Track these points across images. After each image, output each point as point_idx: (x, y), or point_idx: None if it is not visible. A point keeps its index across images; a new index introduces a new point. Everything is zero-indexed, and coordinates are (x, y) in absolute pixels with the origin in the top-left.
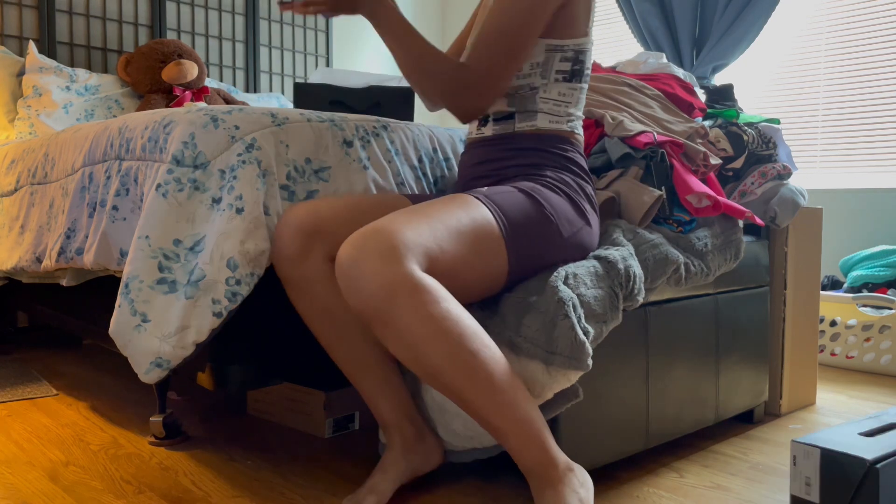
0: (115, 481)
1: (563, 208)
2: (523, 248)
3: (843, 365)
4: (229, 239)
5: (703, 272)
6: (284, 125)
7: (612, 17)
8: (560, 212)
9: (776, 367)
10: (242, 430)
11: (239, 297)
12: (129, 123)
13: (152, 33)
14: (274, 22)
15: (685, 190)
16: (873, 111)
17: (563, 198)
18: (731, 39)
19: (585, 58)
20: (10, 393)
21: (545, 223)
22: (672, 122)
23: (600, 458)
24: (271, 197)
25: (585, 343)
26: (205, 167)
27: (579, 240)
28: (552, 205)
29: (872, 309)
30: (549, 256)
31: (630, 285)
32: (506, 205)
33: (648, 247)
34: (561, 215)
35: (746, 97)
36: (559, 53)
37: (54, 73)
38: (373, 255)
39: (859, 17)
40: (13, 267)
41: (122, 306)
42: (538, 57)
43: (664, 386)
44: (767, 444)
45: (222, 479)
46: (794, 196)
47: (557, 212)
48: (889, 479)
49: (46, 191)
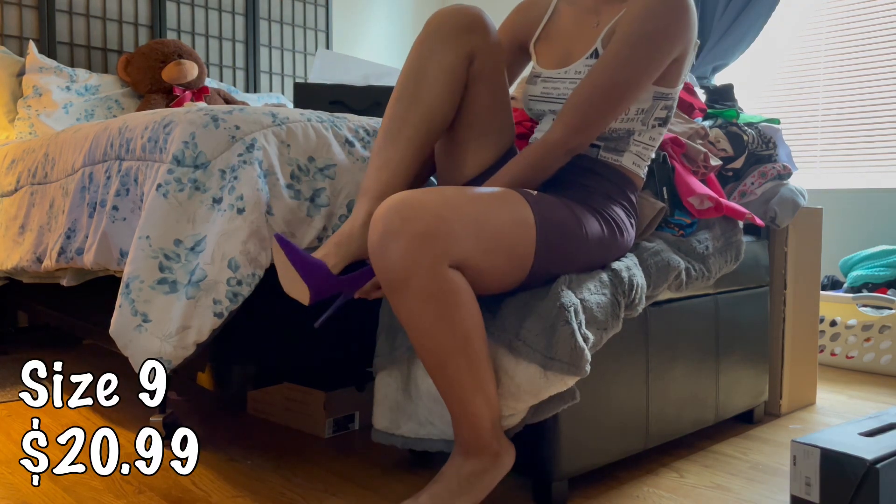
0: (115, 481)
1: (598, 235)
2: (549, 262)
3: (843, 365)
4: (230, 239)
5: (704, 276)
6: (285, 125)
7: None
8: (593, 237)
9: (776, 367)
10: (242, 430)
11: (240, 297)
12: (129, 123)
13: (152, 33)
14: (274, 22)
15: (687, 192)
16: (873, 111)
17: (602, 225)
18: (731, 39)
19: (674, 104)
20: (10, 393)
21: (577, 235)
22: (672, 122)
23: (600, 458)
24: (275, 197)
25: (584, 350)
26: (205, 167)
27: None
28: (589, 230)
29: (872, 309)
30: (574, 260)
31: (633, 295)
32: (547, 208)
33: (650, 255)
34: (593, 240)
35: (746, 97)
36: (663, 101)
37: (54, 73)
38: (411, 235)
39: (859, 17)
40: (14, 267)
41: (122, 306)
42: (645, 103)
43: (664, 386)
44: (767, 444)
45: (222, 479)
46: (794, 196)
47: (591, 237)
48: (889, 479)
49: (46, 191)
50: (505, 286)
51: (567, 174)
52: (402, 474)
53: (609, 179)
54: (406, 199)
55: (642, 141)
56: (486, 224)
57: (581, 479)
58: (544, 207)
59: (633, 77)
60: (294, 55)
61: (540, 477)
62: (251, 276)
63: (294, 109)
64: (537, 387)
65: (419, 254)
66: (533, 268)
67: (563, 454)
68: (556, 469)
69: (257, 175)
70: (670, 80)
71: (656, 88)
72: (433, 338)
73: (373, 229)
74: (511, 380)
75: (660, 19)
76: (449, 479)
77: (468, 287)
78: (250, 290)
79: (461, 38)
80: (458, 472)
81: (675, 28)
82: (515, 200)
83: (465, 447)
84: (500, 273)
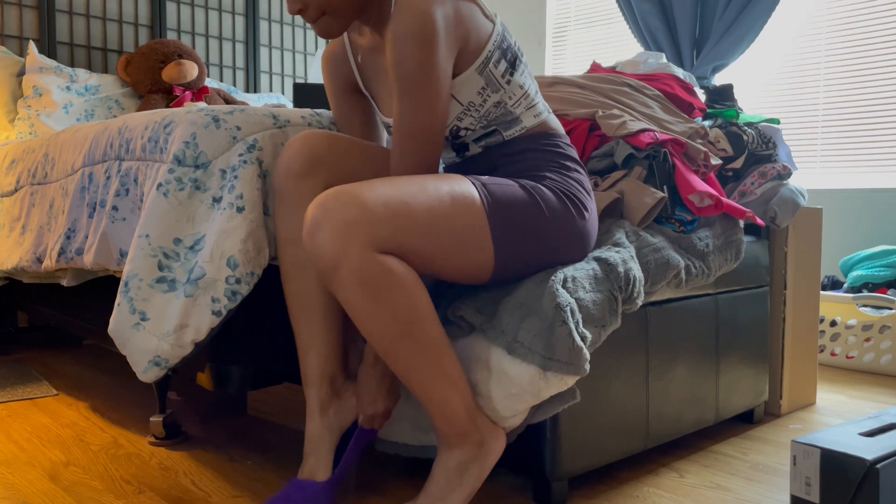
0: (115, 481)
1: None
2: (509, 231)
3: (843, 365)
4: (229, 237)
5: (704, 273)
6: (285, 127)
7: (613, 17)
8: (555, 209)
9: (776, 367)
10: (242, 430)
11: (239, 296)
12: (128, 124)
13: (152, 33)
14: (274, 22)
15: (687, 189)
16: (873, 111)
17: (562, 198)
18: (731, 39)
19: (507, 41)
20: (10, 393)
21: (536, 211)
22: (672, 122)
23: (600, 458)
24: (272, 198)
25: (583, 349)
26: (206, 167)
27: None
28: (547, 202)
29: (872, 309)
30: (543, 238)
31: (630, 288)
32: (494, 187)
33: (650, 250)
34: (556, 212)
35: (746, 97)
36: (485, 67)
37: (54, 73)
38: (336, 224)
39: (859, 17)
40: (14, 267)
41: (121, 305)
42: (471, 92)
43: (664, 386)
44: (767, 444)
45: (222, 479)
46: (794, 196)
47: (552, 208)
48: (889, 479)
49: (46, 191)
50: (475, 270)
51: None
52: (403, 474)
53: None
54: (333, 191)
55: (516, 96)
56: (417, 206)
57: (581, 479)
58: (490, 186)
59: (419, 119)
60: (294, 55)
61: (540, 477)
62: (250, 276)
63: (294, 110)
64: (537, 387)
65: (344, 241)
66: (496, 247)
67: (563, 454)
68: (556, 469)
69: (258, 175)
70: (469, 57)
71: (467, 76)
72: (373, 322)
73: (305, 223)
74: (511, 381)
75: (409, 62)
76: (438, 477)
77: (408, 271)
78: (249, 289)
79: (310, 190)
80: (444, 468)
81: (429, 61)
82: (453, 180)
83: (446, 439)
84: (453, 254)
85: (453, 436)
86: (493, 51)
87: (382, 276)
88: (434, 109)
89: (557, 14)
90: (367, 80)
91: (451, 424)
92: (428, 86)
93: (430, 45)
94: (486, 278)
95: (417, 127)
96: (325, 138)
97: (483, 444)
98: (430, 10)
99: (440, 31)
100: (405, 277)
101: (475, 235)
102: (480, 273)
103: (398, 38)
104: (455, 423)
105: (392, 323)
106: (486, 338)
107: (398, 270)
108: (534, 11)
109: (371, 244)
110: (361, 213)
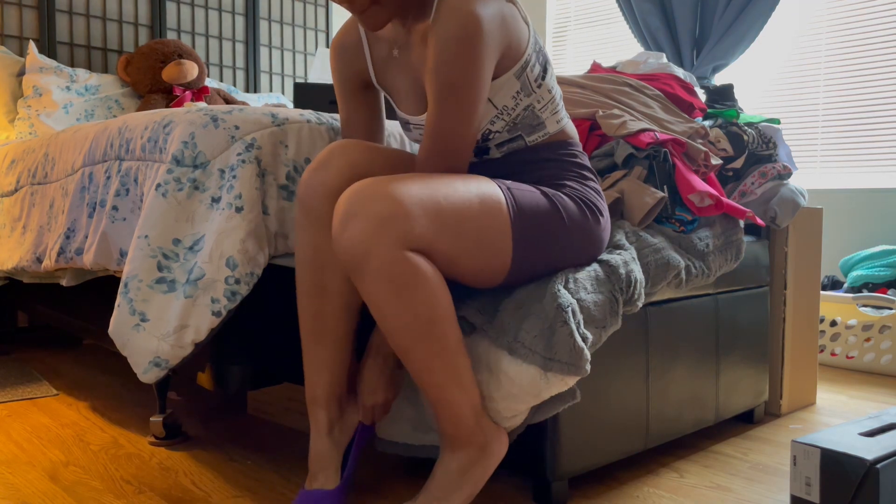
0: (115, 481)
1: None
2: (530, 238)
3: (843, 365)
4: (229, 238)
5: (704, 273)
6: (284, 126)
7: (612, 17)
8: (574, 218)
9: (776, 367)
10: (242, 430)
11: (238, 296)
12: (128, 124)
13: (152, 33)
14: (274, 22)
15: (687, 189)
16: (873, 111)
17: (581, 205)
18: (731, 39)
19: (539, 44)
20: (10, 393)
21: (557, 219)
22: (672, 122)
23: (600, 458)
24: (270, 197)
25: (584, 349)
26: (205, 167)
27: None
28: (568, 211)
29: (872, 309)
30: (559, 247)
31: (631, 290)
32: (519, 193)
33: (650, 251)
34: (574, 220)
35: (746, 97)
36: (523, 71)
37: (54, 73)
38: (369, 217)
39: (859, 17)
40: (14, 267)
41: (121, 306)
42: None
43: (664, 386)
44: (767, 444)
45: (222, 479)
46: (794, 196)
47: (572, 217)
48: (889, 479)
49: (46, 191)
50: (490, 274)
51: (510, 170)
52: (403, 474)
53: (553, 159)
54: (368, 183)
55: (544, 100)
56: (448, 207)
57: (581, 479)
58: (515, 192)
59: (456, 125)
60: (294, 55)
61: (540, 477)
62: (249, 276)
63: (294, 110)
64: (538, 388)
65: (377, 235)
66: (515, 253)
67: (563, 454)
68: (556, 469)
69: (256, 174)
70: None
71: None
72: (395, 319)
73: (335, 213)
74: (512, 381)
75: (453, 66)
76: (439, 478)
77: (434, 271)
78: (248, 289)
79: None
80: (446, 470)
81: (474, 67)
82: (482, 182)
83: (450, 441)
84: (474, 257)
85: (458, 438)
86: (531, 54)
87: (410, 274)
88: (471, 115)
89: (557, 14)
90: (382, 74)
91: (458, 427)
92: (469, 92)
93: (476, 50)
94: (497, 282)
95: (451, 130)
96: (364, 153)
97: (486, 448)
98: (477, 11)
99: (486, 36)
100: (431, 277)
101: (498, 240)
102: (495, 277)
103: (442, 40)
104: (462, 425)
105: (414, 321)
106: (487, 338)
107: (425, 270)
108: (534, 11)
109: (402, 241)
110: (396, 209)
